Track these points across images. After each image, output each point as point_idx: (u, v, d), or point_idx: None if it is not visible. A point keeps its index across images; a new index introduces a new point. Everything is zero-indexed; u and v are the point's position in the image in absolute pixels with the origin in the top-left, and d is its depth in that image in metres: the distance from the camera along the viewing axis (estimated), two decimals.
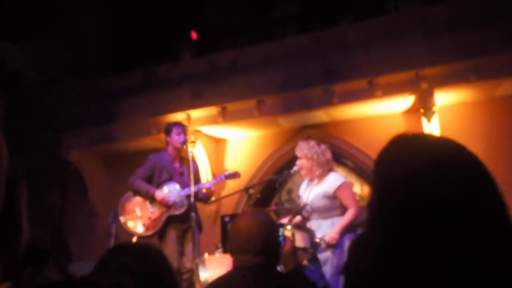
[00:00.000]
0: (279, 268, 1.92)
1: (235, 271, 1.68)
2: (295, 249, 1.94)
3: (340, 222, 3.70)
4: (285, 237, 1.90)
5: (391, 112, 6.25)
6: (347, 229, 3.72)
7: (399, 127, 6.24)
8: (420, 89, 5.67)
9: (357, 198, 5.38)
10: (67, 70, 7.46)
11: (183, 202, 4.36)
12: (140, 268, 1.07)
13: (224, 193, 6.16)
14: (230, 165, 6.97)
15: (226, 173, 4.47)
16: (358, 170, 6.61)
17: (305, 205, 3.62)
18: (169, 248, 4.29)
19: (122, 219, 4.58)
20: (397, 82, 5.71)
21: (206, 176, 6.47)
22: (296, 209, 3.69)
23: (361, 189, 6.65)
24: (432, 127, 5.74)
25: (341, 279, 1.58)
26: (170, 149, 4.60)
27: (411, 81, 5.67)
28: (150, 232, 4.43)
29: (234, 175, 4.44)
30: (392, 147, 0.90)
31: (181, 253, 4.30)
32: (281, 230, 1.91)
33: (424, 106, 5.73)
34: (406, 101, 5.96)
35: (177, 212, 4.35)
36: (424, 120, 5.76)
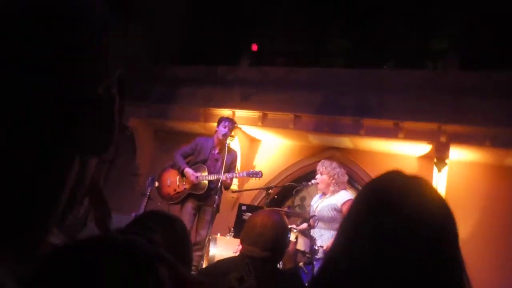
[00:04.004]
0: (279, 264, 1.95)
1: (241, 257, 1.73)
2: (296, 252, 1.96)
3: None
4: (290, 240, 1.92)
5: (408, 154, 6.17)
6: None
7: (411, 168, 6.16)
8: (438, 141, 5.57)
9: None
10: (143, 53, 7.66)
11: (205, 185, 4.45)
12: (164, 236, 1.10)
13: (247, 186, 6.21)
14: (259, 163, 7.04)
15: (250, 171, 4.52)
16: None
17: (313, 215, 3.64)
18: (184, 216, 4.42)
19: (156, 183, 4.72)
20: (420, 130, 5.64)
21: (236, 170, 6.55)
22: (306, 216, 3.71)
23: None
24: (440, 177, 5.64)
25: None
26: (215, 137, 4.71)
27: (432, 132, 5.58)
28: (172, 202, 4.56)
29: (257, 174, 4.48)
30: (387, 178, 0.86)
31: (193, 224, 4.40)
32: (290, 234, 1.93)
33: (438, 156, 5.63)
34: (423, 148, 5.87)
35: (198, 192, 4.45)
36: (435, 168, 5.65)
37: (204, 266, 3.55)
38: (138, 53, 7.63)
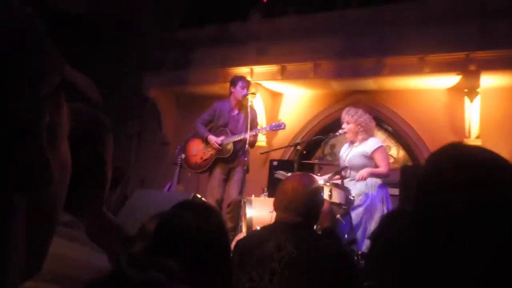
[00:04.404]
0: (316, 226, 1.94)
1: (276, 225, 1.72)
2: (331, 209, 1.94)
3: (371, 168, 3.65)
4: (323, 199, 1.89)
5: (436, 87, 5.93)
6: (378, 188, 3.68)
7: (441, 102, 5.95)
8: (468, 70, 5.31)
9: (391, 161, 5.26)
10: (153, 19, 7.52)
11: (231, 147, 4.45)
12: (201, 226, 1.09)
13: (275, 143, 6.19)
14: (283, 116, 6.95)
15: (273, 124, 4.49)
16: (396, 135, 6.41)
17: (345, 167, 3.59)
18: (214, 182, 4.48)
19: (183, 155, 4.75)
20: (447, 61, 5.37)
21: (261, 124, 6.51)
22: (337, 169, 3.67)
23: (397, 152, 6.47)
24: (473, 107, 5.42)
25: (368, 243, 1.57)
26: (232, 98, 4.65)
27: (460, 62, 5.30)
28: (200, 170, 4.60)
29: (279, 126, 4.43)
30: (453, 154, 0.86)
31: (224, 188, 4.45)
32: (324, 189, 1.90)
33: (468, 86, 5.39)
34: (452, 79, 5.61)
35: (224, 155, 4.46)
36: (466, 99, 5.43)
37: (243, 228, 3.61)
38: (149, 21, 7.49)
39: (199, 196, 5.36)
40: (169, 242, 1.06)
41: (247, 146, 4.33)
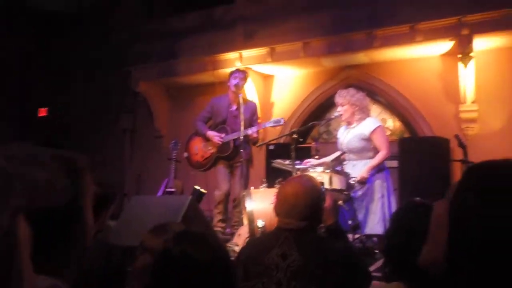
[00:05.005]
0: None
1: (279, 231, 1.63)
2: (334, 205, 1.86)
3: (371, 162, 3.57)
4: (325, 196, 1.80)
5: (429, 55, 5.78)
6: (377, 169, 3.61)
7: (435, 69, 5.82)
8: (460, 35, 5.16)
9: (388, 134, 5.17)
10: (136, 10, 7.30)
11: (230, 145, 4.33)
12: (200, 255, 1.01)
13: (270, 133, 6.00)
14: (276, 99, 6.82)
15: (272, 120, 4.31)
16: (391, 107, 6.30)
17: (342, 152, 3.50)
18: (220, 177, 4.39)
19: (185, 154, 4.67)
20: (438, 27, 5.22)
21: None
22: (335, 152, 3.58)
23: (393, 124, 6.38)
24: (468, 72, 5.30)
25: (384, 241, 1.50)
26: (230, 92, 4.49)
27: (452, 27, 5.15)
28: (202, 168, 4.51)
29: (279, 121, 4.25)
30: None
31: (230, 182, 4.37)
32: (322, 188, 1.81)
33: (462, 51, 5.25)
34: (445, 45, 5.47)
35: (225, 153, 4.35)
36: (460, 65, 5.30)
37: (244, 222, 3.53)
38: (131, 14, 7.27)
39: (198, 187, 5.28)
40: (170, 281, 1.00)
41: (246, 141, 4.23)
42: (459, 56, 5.30)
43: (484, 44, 5.34)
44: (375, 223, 3.29)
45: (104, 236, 1.97)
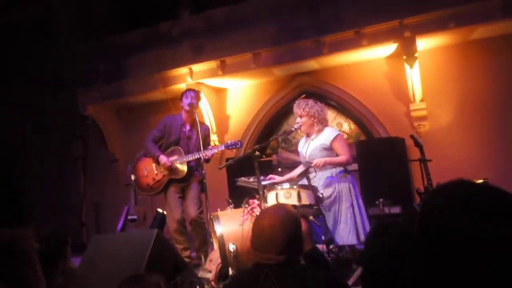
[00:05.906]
0: None
1: (258, 268, 1.53)
2: (309, 230, 1.79)
3: (331, 158, 3.54)
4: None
5: (375, 57, 5.93)
6: (341, 174, 3.59)
7: (383, 71, 5.96)
8: (403, 37, 5.32)
9: (345, 137, 5.21)
10: (75, 29, 6.95)
11: (184, 167, 4.17)
12: None
13: (228, 139, 5.91)
14: (231, 111, 6.73)
15: (228, 142, 4.18)
16: (345, 111, 6.39)
17: (309, 166, 3.46)
18: (171, 204, 4.21)
19: (133, 177, 4.42)
20: (382, 31, 5.35)
21: (210, 125, 6.22)
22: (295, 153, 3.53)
23: (349, 127, 6.47)
24: (414, 72, 5.46)
25: (360, 269, 1.45)
26: (183, 112, 4.33)
27: (395, 30, 5.30)
28: (153, 192, 4.30)
29: (235, 144, 4.13)
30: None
31: (182, 207, 4.19)
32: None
33: (406, 52, 5.40)
34: (389, 48, 5.62)
35: (178, 176, 4.17)
36: (406, 65, 5.46)
37: (214, 246, 3.39)
38: (69, 35, 6.93)
39: (160, 211, 5.07)
40: None
41: (200, 162, 4.10)
42: (404, 57, 5.46)
43: (427, 44, 5.54)
44: (348, 232, 3.26)
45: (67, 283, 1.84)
